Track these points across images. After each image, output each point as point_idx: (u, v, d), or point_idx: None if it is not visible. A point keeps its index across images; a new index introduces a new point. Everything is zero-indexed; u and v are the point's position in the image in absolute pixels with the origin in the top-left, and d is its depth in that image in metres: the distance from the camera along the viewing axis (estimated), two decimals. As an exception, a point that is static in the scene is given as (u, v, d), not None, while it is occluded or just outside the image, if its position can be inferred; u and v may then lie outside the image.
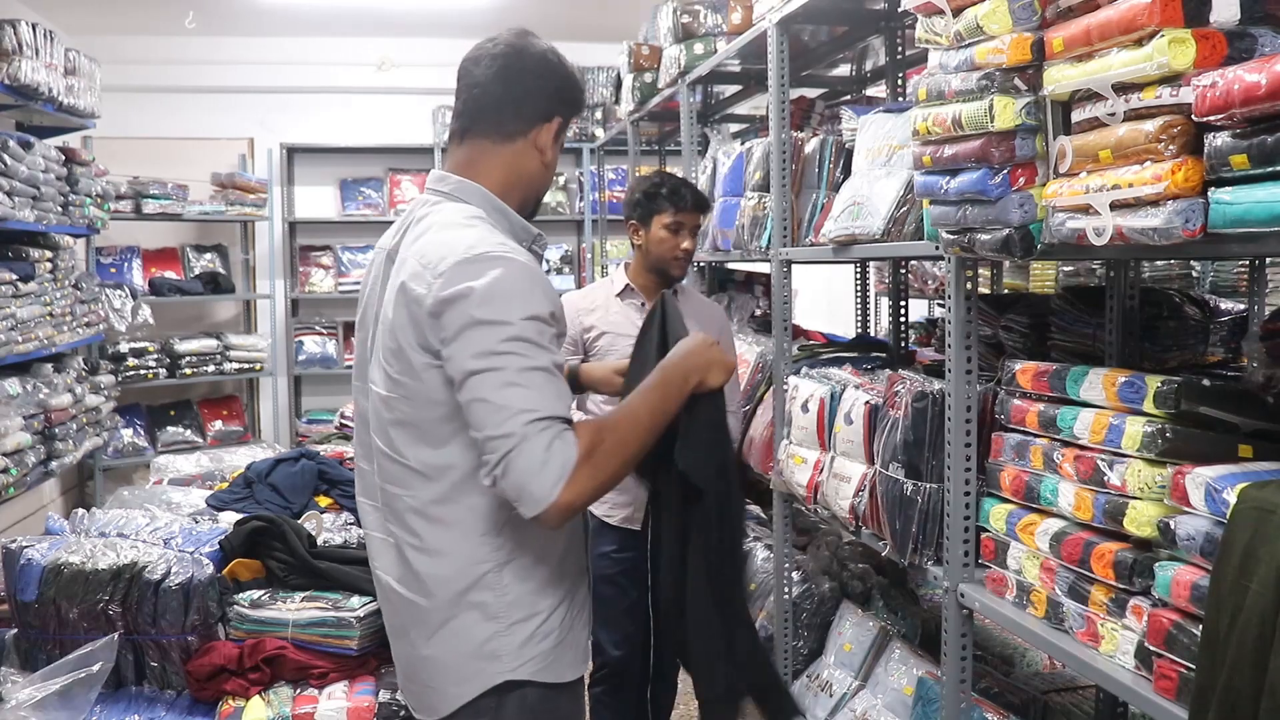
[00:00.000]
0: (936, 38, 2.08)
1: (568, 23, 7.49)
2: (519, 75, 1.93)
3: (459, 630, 1.85)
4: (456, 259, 1.75)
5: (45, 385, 5.03)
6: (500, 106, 1.93)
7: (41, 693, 1.92)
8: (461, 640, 1.86)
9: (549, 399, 1.70)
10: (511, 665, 1.86)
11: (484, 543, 1.84)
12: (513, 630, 1.86)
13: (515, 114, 1.93)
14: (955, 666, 2.42)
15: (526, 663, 1.87)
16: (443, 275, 1.74)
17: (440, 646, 1.87)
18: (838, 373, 3.10)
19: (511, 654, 1.86)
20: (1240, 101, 1.40)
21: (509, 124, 1.94)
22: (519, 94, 1.93)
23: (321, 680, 2.32)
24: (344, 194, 8.07)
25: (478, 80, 1.95)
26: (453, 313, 1.72)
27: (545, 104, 1.95)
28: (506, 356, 1.71)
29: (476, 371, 1.71)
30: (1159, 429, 1.79)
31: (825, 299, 7.23)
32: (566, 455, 1.68)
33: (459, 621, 1.85)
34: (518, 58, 1.94)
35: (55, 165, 5.18)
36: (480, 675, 1.86)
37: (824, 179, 3.28)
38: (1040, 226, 1.90)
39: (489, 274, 1.73)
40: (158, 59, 7.58)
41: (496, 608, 1.85)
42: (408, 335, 1.79)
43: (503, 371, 1.70)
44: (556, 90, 1.96)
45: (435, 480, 1.83)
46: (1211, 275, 4.75)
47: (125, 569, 2.32)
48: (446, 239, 1.80)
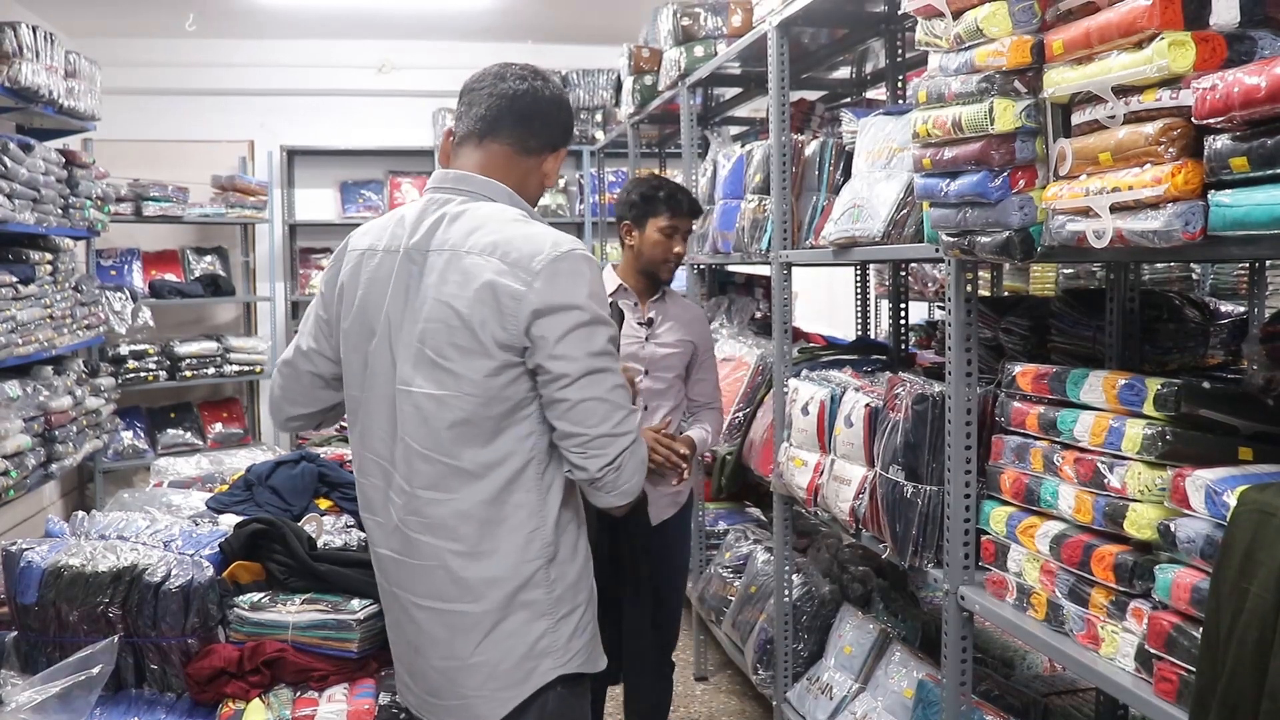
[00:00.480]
0: (936, 40, 2.08)
1: (568, 25, 7.49)
2: (546, 102, 2.00)
3: (511, 631, 1.87)
4: (547, 256, 1.80)
5: (45, 388, 5.03)
6: (529, 122, 1.98)
7: (41, 695, 1.91)
8: (515, 641, 1.87)
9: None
10: (561, 661, 1.90)
11: (534, 538, 1.87)
12: (559, 625, 1.90)
13: (537, 134, 1.99)
14: (955, 669, 2.42)
15: (573, 657, 1.92)
16: (540, 273, 1.78)
17: (491, 651, 1.87)
18: (838, 375, 3.10)
19: (560, 649, 1.90)
20: (1240, 104, 1.40)
21: (531, 141, 1.99)
22: (544, 117, 2.00)
23: (322, 683, 2.32)
24: (344, 196, 8.07)
25: (506, 93, 1.98)
26: (562, 313, 1.78)
27: (557, 135, 2.03)
28: (610, 357, 1.83)
29: (594, 370, 1.79)
30: (1159, 431, 1.79)
31: (826, 301, 7.24)
32: (642, 457, 1.86)
33: (510, 623, 1.87)
34: (545, 84, 2.01)
35: (56, 168, 5.19)
36: (533, 675, 1.88)
37: (824, 181, 3.29)
38: (1040, 229, 1.90)
39: (587, 272, 1.82)
40: (158, 61, 7.58)
41: (545, 604, 1.88)
42: (491, 331, 1.79)
43: (613, 372, 1.82)
44: (566, 126, 2.05)
45: (484, 479, 1.85)
46: (1211, 278, 4.75)
47: (125, 571, 2.31)
48: (523, 234, 1.84)
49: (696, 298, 4.62)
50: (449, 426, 1.83)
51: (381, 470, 1.95)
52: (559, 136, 2.03)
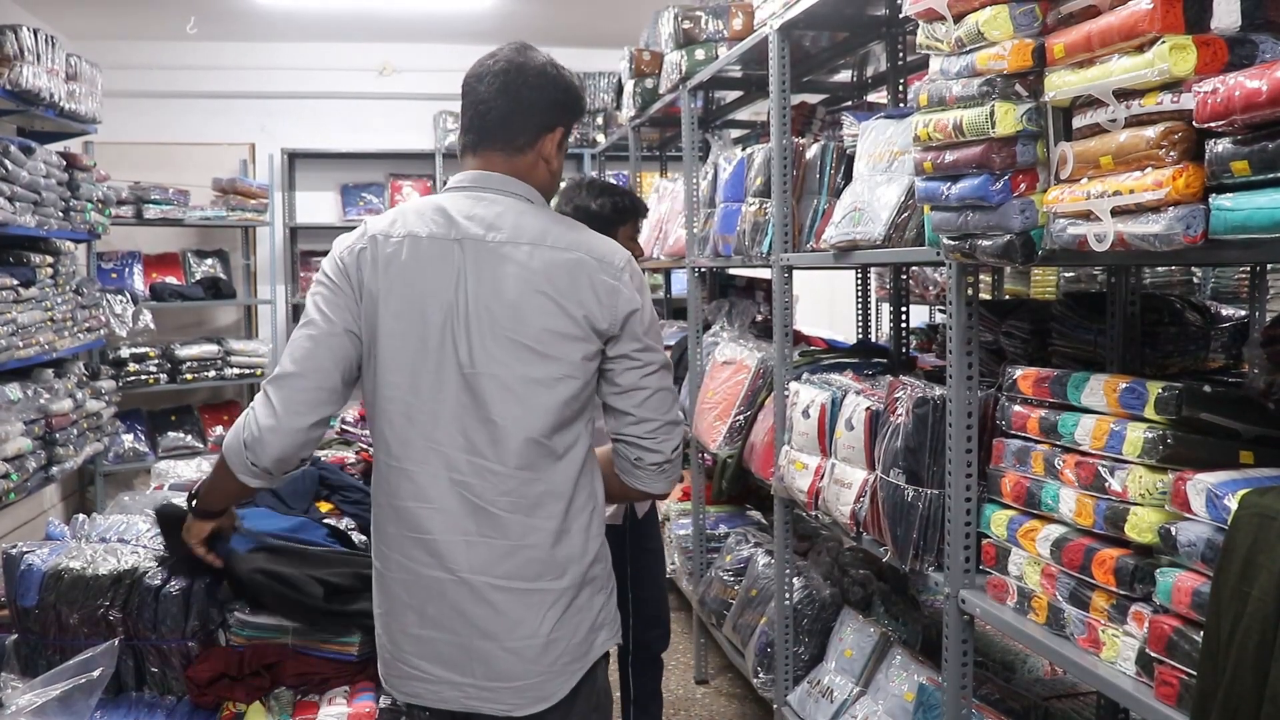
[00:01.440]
0: (937, 43, 2.08)
1: (569, 28, 7.50)
2: (521, 90, 2.00)
3: (581, 606, 1.97)
4: (624, 258, 1.98)
5: (46, 390, 5.03)
6: (507, 122, 2.01)
7: (42, 698, 1.91)
8: (584, 615, 1.98)
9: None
10: (612, 632, 2.05)
11: (594, 516, 2.01)
12: (610, 599, 2.05)
13: (521, 128, 2.01)
14: (956, 672, 2.42)
15: (619, 629, 2.08)
16: (624, 271, 1.96)
17: (566, 627, 1.95)
18: (839, 378, 3.10)
19: (611, 621, 2.05)
20: (1241, 108, 1.41)
21: (517, 138, 2.02)
22: (523, 108, 2.00)
23: (322, 686, 2.32)
24: (345, 199, 8.07)
25: (483, 97, 2.02)
26: (644, 310, 1.97)
27: (547, 116, 2.03)
28: (660, 353, 2.02)
29: (665, 365, 2.01)
30: (1160, 435, 1.79)
31: (826, 305, 7.24)
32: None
33: (581, 597, 1.97)
34: (518, 73, 2.01)
35: (56, 170, 5.19)
36: (593, 647, 2.00)
37: (825, 185, 3.29)
38: (1041, 232, 1.90)
39: (637, 273, 2.00)
40: (159, 64, 7.59)
41: (603, 579, 2.03)
42: (592, 319, 1.92)
43: (665, 366, 2.02)
44: (556, 102, 2.03)
45: (565, 459, 1.96)
46: (1212, 281, 4.75)
47: (126, 574, 2.31)
48: (589, 235, 2.00)
49: (697, 301, 4.62)
50: (552, 409, 1.92)
51: (443, 457, 1.94)
52: (549, 116, 2.04)
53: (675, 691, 4.51)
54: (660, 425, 1.99)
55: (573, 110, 2.08)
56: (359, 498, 3.13)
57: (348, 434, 4.81)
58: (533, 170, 2.04)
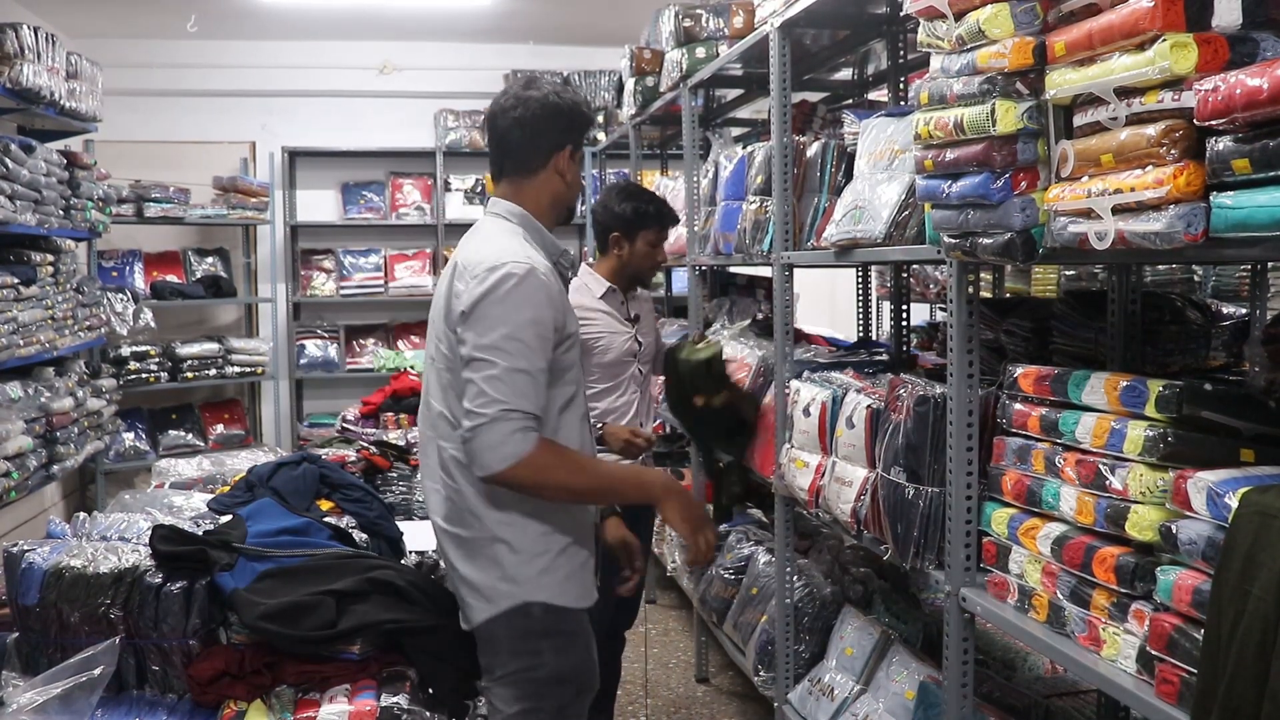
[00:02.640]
0: (938, 42, 2.08)
1: (569, 26, 7.50)
2: (530, 122, 2.37)
3: (495, 556, 2.28)
4: (486, 266, 2.21)
5: (47, 389, 5.03)
6: (521, 150, 2.40)
7: (43, 696, 1.91)
8: (493, 566, 2.28)
9: (520, 397, 2.15)
10: (528, 590, 2.28)
11: (505, 491, 2.25)
12: (532, 562, 2.28)
13: (534, 152, 2.39)
14: (957, 671, 2.42)
15: (540, 589, 2.29)
16: (476, 278, 2.21)
17: (477, 570, 2.30)
18: (839, 377, 3.10)
19: (530, 579, 2.28)
20: (1242, 106, 1.41)
21: (531, 161, 2.40)
22: (533, 136, 2.38)
23: (323, 684, 2.32)
24: (345, 198, 8.07)
25: (500, 131, 2.40)
26: (476, 309, 2.19)
27: (556, 138, 2.39)
28: (499, 352, 2.16)
29: (476, 359, 2.17)
30: (1161, 433, 1.79)
31: (827, 303, 7.24)
32: (521, 448, 2.13)
33: (491, 551, 2.28)
34: (525, 108, 2.37)
35: (57, 169, 5.19)
36: (506, 594, 2.28)
37: (826, 183, 3.29)
38: (1042, 230, 1.90)
39: (507, 281, 2.19)
40: (159, 63, 7.59)
41: (520, 543, 2.28)
42: (451, 320, 2.25)
43: (494, 365, 2.16)
44: (563, 126, 2.40)
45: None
46: (1213, 280, 4.75)
47: (127, 573, 2.31)
48: (483, 248, 2.29)
49: (698, 299, 4.62)
50: (446, 388, 2.33)
51: (430, 424, 2.39)
52: (557, 138, 2.39)
53: (676, 690, 4.51)
54: (464, 409, 2.18)
55: (578, 129, 2.43)
56: (360, 496, 3.14)
57: (348, 432, 4.81)
58: (549, 185, 2.42)
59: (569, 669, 2.35)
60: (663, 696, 4.45)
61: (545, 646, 2.31)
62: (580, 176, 2.51)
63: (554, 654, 2.32)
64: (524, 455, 2.13)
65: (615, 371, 3.44)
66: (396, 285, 7.90)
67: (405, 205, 8.01)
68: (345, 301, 7.93)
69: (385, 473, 4.04)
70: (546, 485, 2.21)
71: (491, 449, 2.13)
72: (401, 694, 2.25)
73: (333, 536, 2.70)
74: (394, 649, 2.39)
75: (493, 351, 2.16)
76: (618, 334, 3.48)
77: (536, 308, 2.20)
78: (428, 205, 7.99)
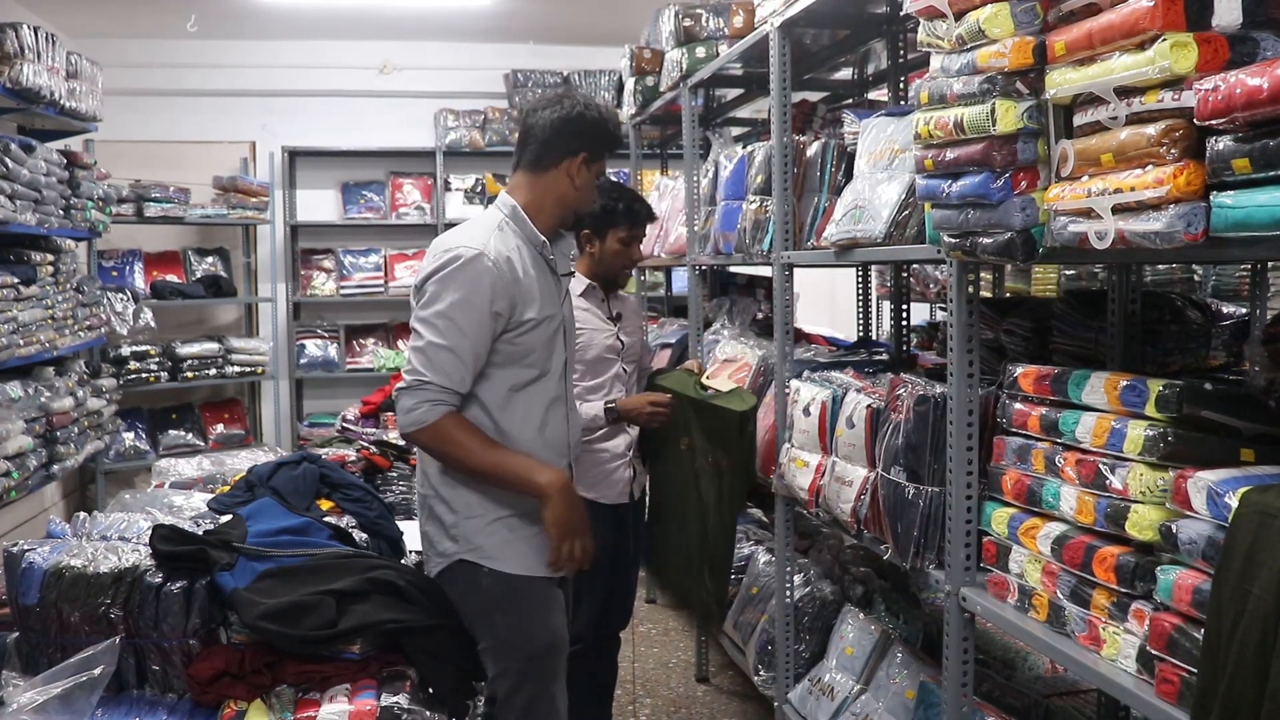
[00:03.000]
0: (938, 41, 2.08)
1: (569, 26, 7.49)
2: (552, 123, 2.56)
3: (436, 513, 2.54)
4: (443, 247, 2.45)
5: (47, 389, 5.03)
6: (539, 146, 2.58)
7: (43, 696, 1.92)
8: (437, 521, 2.54)
9: (438, 371, 2.38)
10: (467, 548, 2.51)
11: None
12: (468, 522, 2.50)
13: (548, 151, 2.57)
14: (957, 670, 2.42)
15: (476, 549, 2.50)
16: (432, 256, 2.46)
17: (427, 523, 2.58)
18: (839, 376, 3.10)
19: (466, 539, 2.51)
20: (1242, 105, 1.41)
21: (544, 159, 2.58)
22: (551, 136, 2.56)
23: (324, 684, 2.32)
24: (345, 197, 8.06)
25: (528, 125, 2.61)
26: (424, 284, 2.45)
27: (572, 143, 2.56)
28: (429, 327, 2.40)
29: (412, 329, 2.45)
30: (1161, 433, 1.79)
31: (827, 302, 7.24)
32: (426, 416, 2.38)
33: (436, 507, 2.54)
34: (555, 109, 2.56)
35: (57, 169, 5.19)
36: (449, 551, 2.52)
37: (826, 182, 3.28)
38: (1042, 230, 1.90)
39: (452, 263, 2.41)
40: (159, 63, 7.58)
41: (456, 503, 2.51)
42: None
43: (420, 336, 2.41)
44: (580, 133, 2.57)
45: None
46: (1213, 279, 4.75)
47: (127, 572, 2.31)
48: (454, 234, 2.53)
49: (698, 299, 4.62)
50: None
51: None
52: (573, 143, 2.56)
53: (676, 689, 4.51)
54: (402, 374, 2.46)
55: (597, 139, 2.59)
56: (359, 495, 3.13)
57: (348, 432, 4.81)
58: (555, 184, 2.58)
59: (522, 636, 2.51)
60: (663, 696, 4.45)
61: (496, 612, 2.50)
62: (590, 189, 2.65)
63: (504, 619, 2.50)
64: (427, 424, 2.38)
65: (598, 369, 3.43)
66: (396, 285, 7.89)
67: (405, 205, 8.01)
68: (345, 301, 7.93)
69: (385, 472, 4.04)
70: (445, 455, 2.46)
71: (403, 412, 2.41)
72: (402, 693, 2.25)
73: (333, 536, 2.70)
74: (394, 649, 2.39)
75: (424, 325, 2.41)
76: (599, 331, 3.44)
77: (474, 291, 2.39)
78: (428, 205, 7.98)
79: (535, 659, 2.53)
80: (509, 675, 2.51)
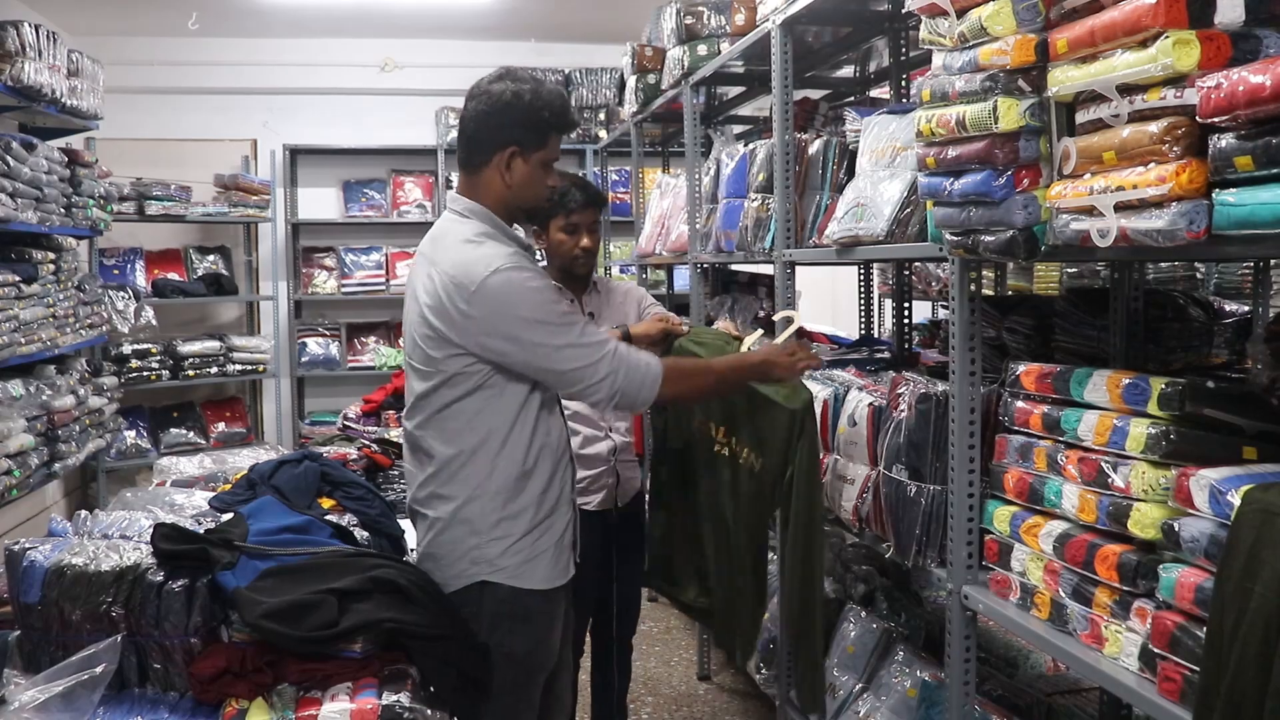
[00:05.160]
0: (940, 39, 2.07)
1: (571, 24, 7.49)
2: (478, 117, 2.37)
3: (455, 538, 2.45)
4: (478, 281, 2.26)
5: (48, 387, 5.04)
6: (469, 142, 2.40)
7: (44, 694, 1.92)
8: (457, 544, 2.45)
9: (596, 347, 2.35)
10: (490, 570, 2.43)
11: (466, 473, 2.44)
12: (491, 544, 2.42)
13: (477, 149, 2.39)
14: (959, 669, 2.42)
15: (499, 570, 2.43)
16: (477, 294, 2.27)
17: (443, 547, 2.47)
18: (841, 374, 3.10)
19: (490, 560, 2.43)
20: (1245, 103, 1.40)
21: (473, 158, 2.40)
22: (476, 132, 2.38)
23: (325, 683, 2.32)
24: (347, 195, 8.07)
25: (461, 121, 2.43)
26: (505, 320, 2.30)
27: (502, 134, 2.35)
28: (547, 332, 2.32)
29: (533, 355, 2.33)
30: (1163, 431, 1.78)
31: (829, 300, 7.23)
32: (650, 374, 2.39)
33: (455, 531, 2.44)
34: (482, 100, 2.36)
35: (58, 167, 5.19)
36: (466, 573, 2.44)
37: (827, 180, 3.28)
38: (1044, 228, 1.90)
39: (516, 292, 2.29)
40: (161, 60, 7.58)
41: (480, 525, 2.42)
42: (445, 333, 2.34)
43: (552, 346, 2.31)
44: (505, 124, 2.35)
45: (435, 427, 2.46)
46: (1216, 277, 4.75)
47: (128, 571, 2.31)
48: (464, 260, 2.31)
49: (700, 297, 4.62)
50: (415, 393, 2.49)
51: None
52: (501, 135, 2.35)
53: (678, 688, 4.51)
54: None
55: (532, 128, 2.35)
56: (361, 494, 3.13)
57: (350, 430, 4.81)
58: (489, 186, 2.39)
59: (524, 649, 2.50)
60: (664, 695, 4.45)
61: (507, 623, 2.46)
62: (534, 182, 2.41)
63: (512, 626, 2.47)
64: (658, 375, 2.38)
65: None
66: (398, 283, 7.89)
67: (407, 203, 8.01)
68: (346, 299, 7.93)
69: (387, 470, 4.04)
70: (686, 392, 2.55)
71: (631, 395, 2.37)
72: (403, 692, 2.25)
73: (334, 535, 2.70)
74: (396, 647, 2.39)
75: (545, 335, 2.33)
76: None
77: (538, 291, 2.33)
78: (429, 203, 7.98)
79: (529, 672, 2.54)
80: (501, 682, 2.49)
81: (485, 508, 2.43)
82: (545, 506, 2.48)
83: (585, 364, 2.32)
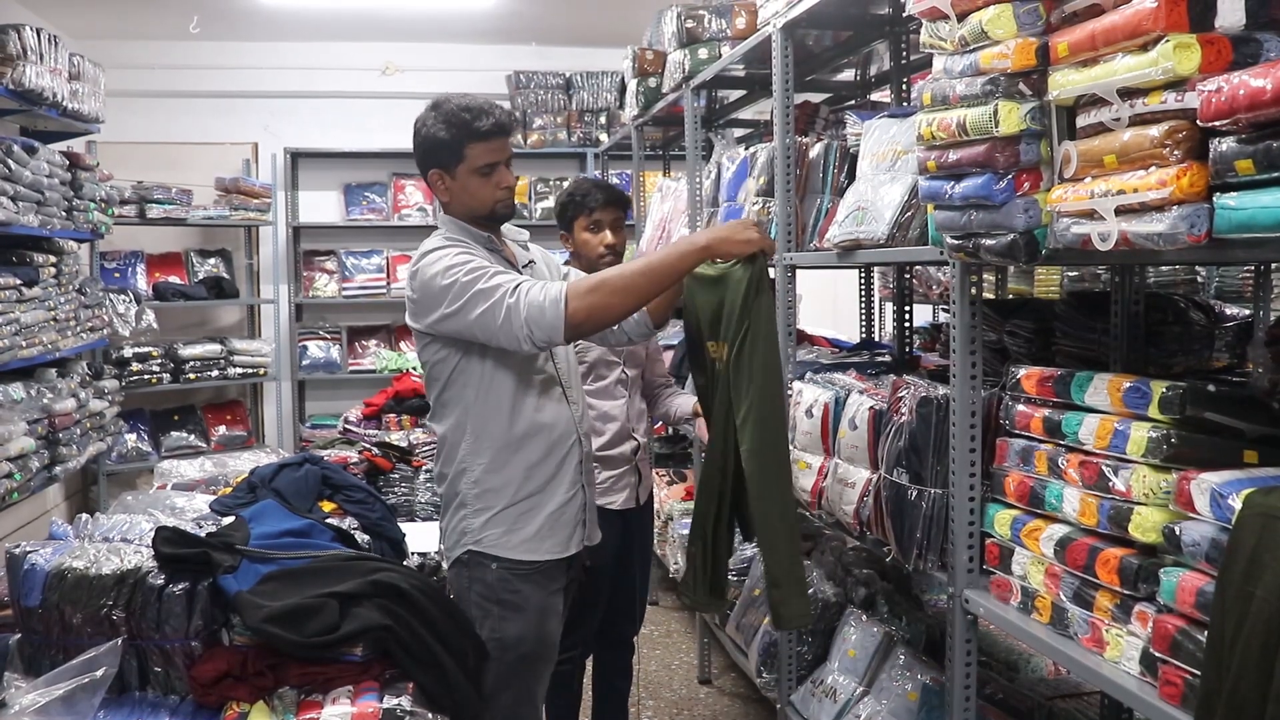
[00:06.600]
0: (941, 43, 2.08)
1: (572, 27, 7.50)
2: (414, 147, 2.65)
3: (450, 512, 2.66)
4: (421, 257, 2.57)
5: (49, 390, 5.04)
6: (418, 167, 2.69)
7: (45, 698, 1.92)
8: (451, 518, 2.65)
9: (497, 288, 2.45)
10: (471, 540, 2.60)
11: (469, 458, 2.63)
12: (474, 515, 2.60)
13: (422, 171, 2.67)
14: (960, 672, 2.41)
15: (480, 540, 2.59)
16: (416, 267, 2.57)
17: (447, 523, 2.69)
18: (842, 378, 3.09)
19: (476, 530, 2.60)
20: (1245, 107, 1.40)
21: (425, 178, 2.68)
22: (416, 158, 2.66)
23: (326, 686, 2.32)
24: (348, 199, 8.07)
25: None
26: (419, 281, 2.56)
27: (423, 162, 2.65)
28: (456, 283, 2.48)
29: (448, 314, 2.50)
30: (1164, 434, 1.78)
31: (830, 304, 7.23)
32: (549, 299, 2.42)
33: (451, 505, 2.65)
34: (415, 133, 2.63)
35: (59, 170, 5.19)
36: (458, 544, 2.63)
37: (828, 184, 3.28)
38: (1045, 232, 1.90)
39: (435, 257, 2.53)
40: (162, 64, 7.59)
41: (466, 498, 2.62)
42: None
43: (467, 296, 2.46)
44: (423, 152, 2.63)
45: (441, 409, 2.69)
46: (1216, 280, 4.75)
47: (129, 574, 2.31)
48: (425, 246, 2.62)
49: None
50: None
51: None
52: (425, 163, 2.64)
53: (678, 691, 4.51)
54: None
55: (439, 151, 2.58)
56: (362, 497, 3.13)
57: (350, 433, 4.81)
58: (443, 199, 2.67)
59: (516, 635, 2.58)
60: (665, 698, 4.45)
61: (495, 604, 2.59)
62: (473, 190, 2.60)
63: (501, 611, 2.58)
64: (558, 299, 2.40)
65: (600, 371, 3.40)
66: (399, 286, 7.88)
67: (408, 206, 8.01)
68: (347, 303, 7.93)
69: (387, 474, 4.04)
70: (600, 306, 2.43)
71: (535, 325, 2.40)
72: (404, 695, 2.25)
73: (335, 538, 2.70)
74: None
75: (455, 285, 2.47)
76: None
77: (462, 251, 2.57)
78: (430, 206, 7.98)
79: (525, 660, 2.61)
80: (497, 672, 2.56)
81: (469, 480, 2.61)
82: (534, 481, 2.61)
83: (489, 304, 2.42)
